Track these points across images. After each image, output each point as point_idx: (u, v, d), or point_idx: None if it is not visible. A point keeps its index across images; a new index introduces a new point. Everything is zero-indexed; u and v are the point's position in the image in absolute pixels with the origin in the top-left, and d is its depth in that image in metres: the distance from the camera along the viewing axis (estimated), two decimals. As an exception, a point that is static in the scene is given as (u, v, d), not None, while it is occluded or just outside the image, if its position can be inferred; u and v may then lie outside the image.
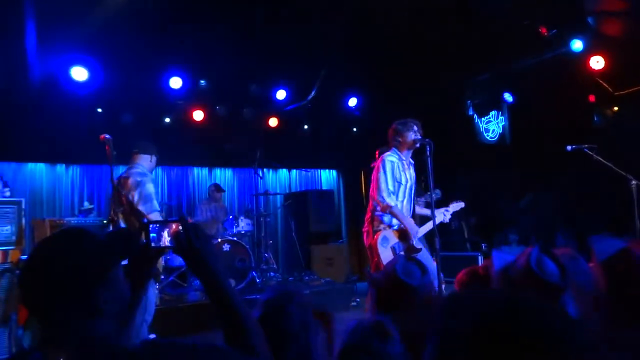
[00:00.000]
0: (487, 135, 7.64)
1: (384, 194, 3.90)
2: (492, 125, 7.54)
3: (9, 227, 4.46)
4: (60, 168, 7.19)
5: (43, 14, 4.08)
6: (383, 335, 1.42)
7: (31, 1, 3.51)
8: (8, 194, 4.73)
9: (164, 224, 1.34)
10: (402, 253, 3.94)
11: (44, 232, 4.76)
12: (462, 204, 4.37)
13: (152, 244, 1.32)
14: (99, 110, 6.67)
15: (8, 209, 4.48)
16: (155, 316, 4.96)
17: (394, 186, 3.98)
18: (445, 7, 5.66)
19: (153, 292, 4.04)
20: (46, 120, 6.22)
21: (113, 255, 1.22)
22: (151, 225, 1.39)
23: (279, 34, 6.52)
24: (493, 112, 7.49)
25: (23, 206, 4.58)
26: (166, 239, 1.29)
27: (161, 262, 3.95)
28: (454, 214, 4.29)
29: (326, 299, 6.00)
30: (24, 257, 4.71)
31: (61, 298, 1.12)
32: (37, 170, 7.02)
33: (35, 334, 4.48)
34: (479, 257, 6.72)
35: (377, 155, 4.33)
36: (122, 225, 4.10)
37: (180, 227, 1.28)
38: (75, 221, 5.07)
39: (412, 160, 4.18)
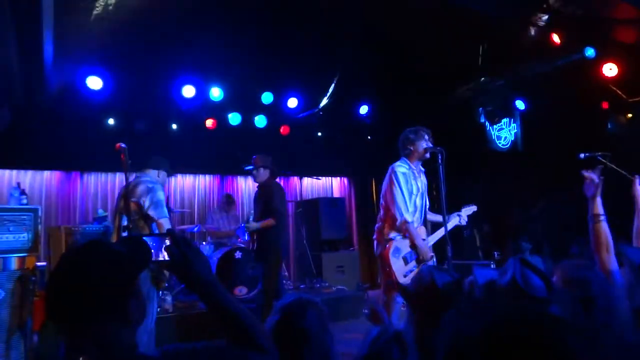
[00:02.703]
0: (499, 143, 7.60)
1: (402, 209, 3.86)
2: (504, 133, 7.51)
3: (25, 234, 4.52)
4: (75, 176, 7.28)
5: (60, 24, 4.16)
6: (403, 346, 1.42)
7: (49, 12, 3.58)
8: (25, 201, 4.80)
9: (156, 238, 1.34)
10: (414, 261, 3.93)
11: (60, 239, 4.82)
12: (474, 207, 4.33)
13: (152, 258, 1.32)
14: (111, 121, 6.76)
15: (25, 217, 4.55)
16: (168, 322, 5.01)
17: (409, 196, 3.95)
18: (457, 15, 5.66)
19: (155, 299, 4.07)
20: (61, 129, 6.33)
21: (137, 266, 1.25)
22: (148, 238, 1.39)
23: (290, 42, 6.57)
24: (505, 120, 7.46)
25: (39, 213, 4.65)
26: (164, 252, 1.30)
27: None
28: (467, 223, 4.26)
29: (338, 306, 5.99)
30: (40, 263, 4.78)
31: (95, 309, 1.15)
32: (53, 178, 7.12)
33: (50, 340, 4.53)
34: (492, 265, 6.67)
35: None
36: (125, 233, 4.16)
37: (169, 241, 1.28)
38: (90, 228, 5.11)
39: (422, 168, 4.17)
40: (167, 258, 1.28)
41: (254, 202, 5.34)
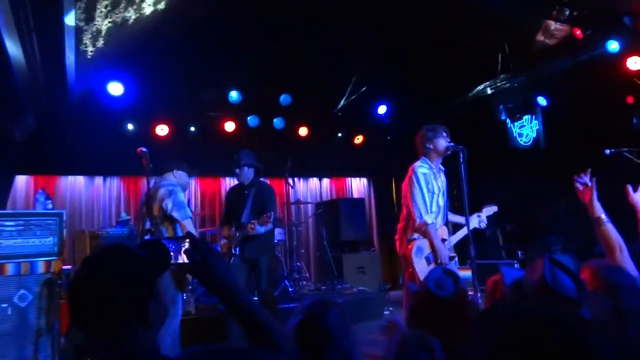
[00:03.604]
0: (521, 140, 7.48)
1: (422, 211, 3.82)
2: (526, 130, 7.39)
3: (51, 239, 4.61)
4: (98, 180, 7.40)
5: (81, 31, 4.24)
6: (431, 351, 1.40)
7: (71, 20, 3.65)
8: (50, 206, 4.90)
9: (176, 241, 1.35)
10: (434, 264, 3.89)
11: (84, 243, 4.90)
12: (495, 208, 4.26)
13: (171, 260, 1.33)
14: (130, 126, 6.85)
15: (50, 221, 4.64)
16: (190, 324, 5.04)
17: (430, 199, 3.91)
18: (476, 11, 5.59)
19: (179, 302, 4.10)
20: (84, 135, 6.44)
21: (156, 269, 1.26)
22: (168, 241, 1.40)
23: (307, 43, 6.58)
24: (527, 117, 7.34)
25: (64, 218, 4.74)
26: (183, 255, 1.31)
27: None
28: (489, 221, 4.19)
29: (359, 307, 5.97)
30: (66, 267, 4.87)
31: (115, 311, 1.16)
32: (77, 182, 7.25)
33: (77, 342, 4.61)
34: (515, 265, 6.57)
35: None
36: (147, 236, 4.22)
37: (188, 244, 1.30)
38: (113, 232, 5.20)
39: (442, 167, 4.13)
40: (186, 261, 1.29)
41: (238, 203, 4.87)
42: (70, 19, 3.60)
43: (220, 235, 4.88)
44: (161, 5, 4.24)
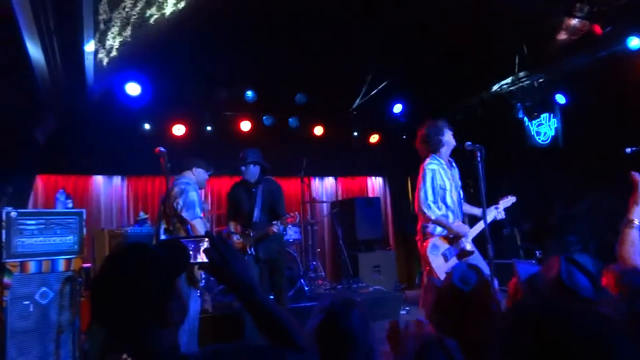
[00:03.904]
0: (539, 139, 7.39)
1: (424, 207, 3.86)
2: (544, 128, 7.30)
3: (71, 237, 4.69)
4: (117, 180, 7.50)
5: (100, 34, 4.30)
6: (449, 353, 1.39)
7: (89, 23, 3.71)
8: (70, 205, 4.98)
9: (194, 240, 1.36)
10: (455, 258, 3.87)
11: (104, 241, 4.98)
12: (513, 199, 4.20)
13: (190, 261, 1.34)
14: (147, 126, 6.92)
15: (70, 220, 4.72)
16: (207, 322, 5.08)
17: (435, 195, 3.91)
18: (494, 8, 5.54)
19: (195, 299, 4.13)
20: (103, 135, 6.53)
21: (175, 268, 1.27)
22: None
23: (322, 42, 6.58)
24: (545, 115, 7.25)
25: (84, 217, 4.82)
26: (202, 254, 1.32)
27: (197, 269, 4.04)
28: (506, 220, 4.15)
29: (375, 306, 5.96)
30: (86, 265, 4.95)
31: (136, 310, 1.18)
32: (96, 182, 7.36)
33: (97, 339, 4.68)
34: (534, 263, 6.50)
35: None
36: (163, 235, 4.26)
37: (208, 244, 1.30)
38: (132, 231, 5.26)
39: (451, 159, 4.12)
40: (205, 260, 1.30)
41: (245, 201, 4.82)
42: (88, 19, 3.66)
43: (231, 233, 4.85)
44: (181, 5, 4.29)
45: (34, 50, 3.88)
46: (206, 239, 1.32)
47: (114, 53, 4.84)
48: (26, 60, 3.99)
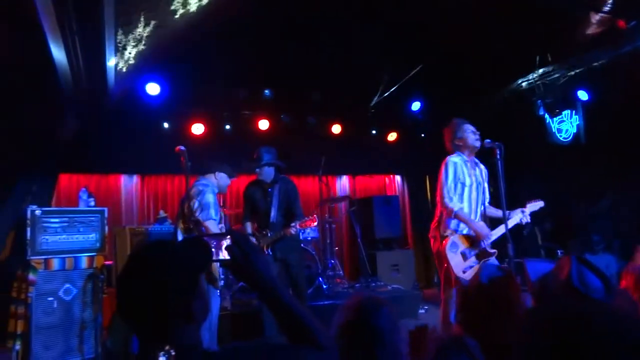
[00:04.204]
0: (560, 136, 7.27)
1: (446, 199, 3.86)
2: (566, 125, 7.18)
3: (93, 235, 4.78)
4: (137, 178, 7.60)
5: (121, 34, 4.35)
6: (469, 352, 1.37)
7: (110, 23, 3.76)
8: (92, 203, 5.07)
9: (216, 238, 1.37)
10: (474, 257, 3.84)
11: (125, 239, 5.05)
12: (541, 203, 4.13)
13: (212, 258, 1.34)
14: (166, 125, 6.99)
15: (93, 218, 4.81)
16: (226, 320, 5.13)
17: (455, 188, 3.89)
18: (514, 3, 5.46)
19: (215, 298, 4.16)
20: (124, 134, 6.63)
21: (199, 266, 1.29)
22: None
23: (340, 40, 6.58)
24: (566, 112, 7.13)
25: (105, 215, 4.91)
26: (224, 252, 1.33)
27: (217, 267, 4.07)
28: (529, 219, 4.09)
29: (394, 305, 5.92)
30: (108, 262, 5.03)
31: (160, 307, 1.19)
32: (116, 181, 7.47)
33: (119, 336, 4.76)
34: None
35: None
36: (181, 234, 4.31)
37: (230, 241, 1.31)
38: (152, 229, 5.33)
39: (477, 160, 4.09)
40: (227, 257, 1.31)
41: (261, 201, 4.80)
42: (109, 19, 3.71)
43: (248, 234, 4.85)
44: (203, 2, 4.32)
45: (57, 52, 3.96)
46: (228, 236, 1.33)
47: (135, 54, 4.91)
48: (49, 61, 4.07)
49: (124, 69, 5.04)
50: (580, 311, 0.83)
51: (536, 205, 4.13)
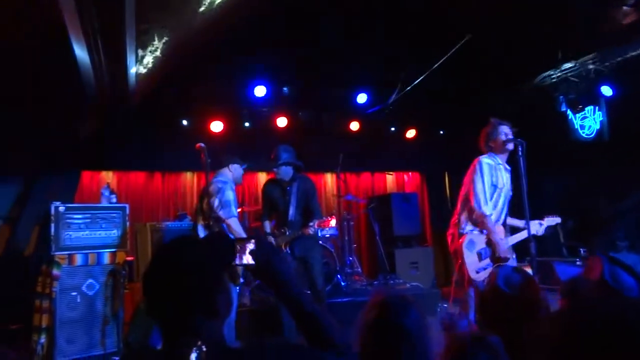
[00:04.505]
0: (583, 132, 7.14)
1: (481, 202, 3.76)
2: (589, 122, 7.04)
3: (115, 231, 4.85)
4: (157, 175, 7.70)
5: (141, 32, 4.40)
6: (491, 350, 1.34)
7: (131, 22, 3.81)
8: (114, 200, 5.14)
9: (240, 242, 1.37)
10: (488, 259, 3.80)
11: (146, 236, 5.11)
12: (557, 219, 4.08)
13: (236, 262, 1.35)
14: (184, 122, 7.05)
15: (114, 214, 4.88)
16: (245, 316, 5.17)
17: (492, 192, 3.83)
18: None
19: (234, 295, 4.19)
20: (144, 132, 6.71)
21: (224, 261, 1.30)
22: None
23: (358, 36, 6.55)
24: (589, 107, 6.99)
25: (127, 211, 4.97)
26: (248, 256, 1.33)
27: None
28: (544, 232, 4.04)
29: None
30: (129, 258, 5.11)
31: (186, 301, 1.20)
32: (137, 178, 7.57)
33: (140, 331, 4.82)
34: (578, 262, 6.29)
35: None
36: (202, 230, 4.35)
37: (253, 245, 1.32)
38: (172, 225, 5.39)
39: (508, 167, 4.01)
40: (251, 262, 1.31)
41: (280, 199, 4.79)
42: (130, 18, 3.76)
43: (266, 232, 4.86)
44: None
45: (80, 51, 4.02)
46: (252, 240, 1.34)
47: (153, 59, 4.97)
48: (72, 60, 4.13)
49: (144, 72, 5.10)
50: (618, 310, 0.83)
51: (553, 220, 4.07)
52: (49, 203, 4.62)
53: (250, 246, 1.32)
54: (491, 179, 3.82)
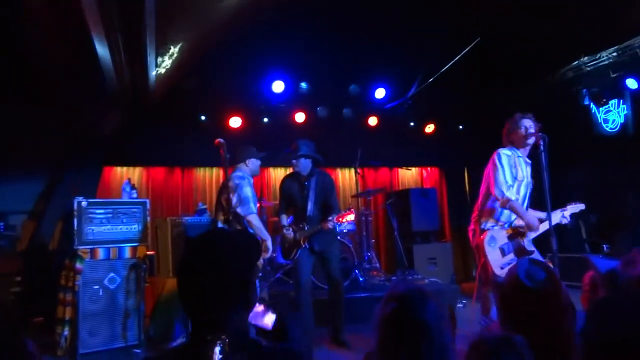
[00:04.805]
0: (606, 127, 6.99)
1: (503, 188, 3.72)
2: (612, 115, 6.89)
3: (136, 226, 4.92)
4: (177, 171, 7.78)
5: (157, 24, 4.44)
6: (516, 350, 1.32)
7: (151, 18, 3.84)
8: (135, 195, 5.21)
9: (263, 310, 1.40)
10: (512, 254, 3.76)
11: (166, 230, 5.16)
12: (582, 206, 3.99)
13: (251, 320, 1.40)
14: (203, 118, 7.10)
15: (135, 209, 4.95)
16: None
17: (512, 180, 3.79)
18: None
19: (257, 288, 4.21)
20: (164, 129, 6.79)
21: (255, 255, 1.33)
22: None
23: (376, 31, 6.51)
24: (613, 101, 6.84)
25: (147, 206, 5.04)
26: (265, 320, 1.38)
27: (260, 260, 4.11)
28: (571, 214, 3.97)
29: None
30: (149, 252, 5.17)
31: (224, 293, 1.23)
32: (157, 173, 7.66)
33: (160, 325, 4.89)
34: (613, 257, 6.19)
35: None
36: (221, 225, 4.38)
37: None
38: (192, 220, 5.44)
39: (529, 160, 3.96)
40: (267, 327, 1.39)
41: (298, 194, 4.77)
42: (150, 15, 3.79)
43: (283, 226, 4.85)
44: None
45: (101, 49, 4.07)
46: (272, 311, 1.37)
47: (172, 61, 5.02)
48: (94, 58, 4.19)
49: (163, 72, 5.15)
50: None
51: (577, 207, 3.98)
52: (72, 198, 4.71)
53: (271, 316, 1.35)
54: (510, 170, 3.80)
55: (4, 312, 5.00)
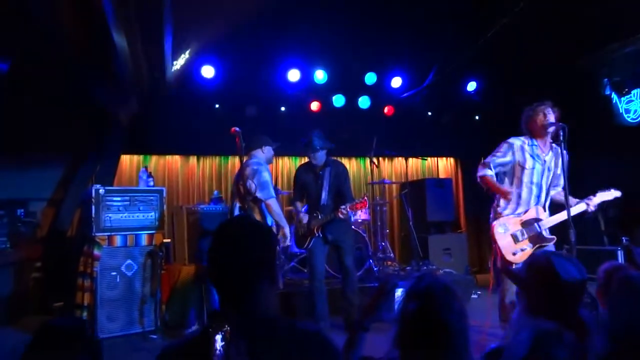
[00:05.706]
0: (628, 117, 6.85)
1: (480, 165, 3.95)
2: (635, 105, 6.74)
3: (152, 213, 4.98)
4: (193, 159, 7.83)
5: (177, 18, 4.45)
6: (568, 346, 1.29)
7: (168, 9, 3.85)
8: (152, 183, 5.27)
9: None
10: (527, 240, 3.73)
11: (182, 218, 5.22)
12: (617, 193, 3.86)
13: None
14: (223, 107, 7.12)
15: (152, 197, 5.01)
16: (278, 298, 5.23)
17: (520, 173, 3.83)
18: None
19: None
20: (180, 117, 6.83)
21: (276, 239, 1.44)
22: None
23: (393, 19, 6.44)
24: (636, 90, 6.68)
25: (164, 194, 5.09)
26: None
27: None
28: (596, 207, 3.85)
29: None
30: (166, 240, 5.23)
31: (255, 271, 1.34)
32: (174, 161, 7.72)
33: (176, 311, 4.96)
34: (619, 252, 6.09)
35: None
36: (237, 211, 4.41)
37: None
38: (208, 208, 5.48)
39: (554, 146, 3.90)
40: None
41: (312, 183, 4.79)
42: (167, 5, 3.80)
43: (298, 212, 4.88)
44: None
45: (118, 38, 4.09)
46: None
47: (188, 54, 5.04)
48: (111, 48, 4.22)
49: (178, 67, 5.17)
50: None
51: (609, 194, 3.82)
52: (89, 186, 4.77)
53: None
54: (503, 153, 3.87)
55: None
